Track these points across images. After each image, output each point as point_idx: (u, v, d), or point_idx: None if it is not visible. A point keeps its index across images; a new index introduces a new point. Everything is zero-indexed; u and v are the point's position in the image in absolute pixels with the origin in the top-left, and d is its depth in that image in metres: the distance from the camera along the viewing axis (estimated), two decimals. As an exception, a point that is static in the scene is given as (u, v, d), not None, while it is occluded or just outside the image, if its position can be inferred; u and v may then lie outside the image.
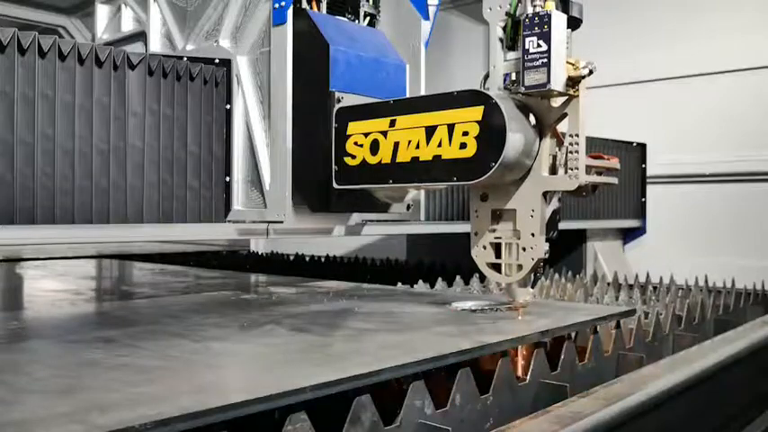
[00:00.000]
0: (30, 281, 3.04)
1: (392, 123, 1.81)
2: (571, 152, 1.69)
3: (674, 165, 4.14)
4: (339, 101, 2.07)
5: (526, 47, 1.65)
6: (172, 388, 1.12)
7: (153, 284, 2.81)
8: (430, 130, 1.73)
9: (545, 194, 1.76)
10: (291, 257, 4.63)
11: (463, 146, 1.67)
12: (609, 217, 4.03)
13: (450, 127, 1.69)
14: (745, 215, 3.87)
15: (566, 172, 1.71)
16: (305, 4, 2.22)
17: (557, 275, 3.31)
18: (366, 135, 1.87)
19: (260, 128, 2.27)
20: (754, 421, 2.16)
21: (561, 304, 2.24)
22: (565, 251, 4.13)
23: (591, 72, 1.67)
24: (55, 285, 2.81)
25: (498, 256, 1.82)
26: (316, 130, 2.09)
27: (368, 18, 2.47)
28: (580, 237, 4.07)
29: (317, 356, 1.37)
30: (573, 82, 1.68)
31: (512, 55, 1.78)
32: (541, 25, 1.63)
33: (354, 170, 1.91)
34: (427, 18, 2.48)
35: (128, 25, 2.94)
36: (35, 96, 1.83)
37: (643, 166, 4.25)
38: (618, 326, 1.92)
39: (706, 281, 3.29)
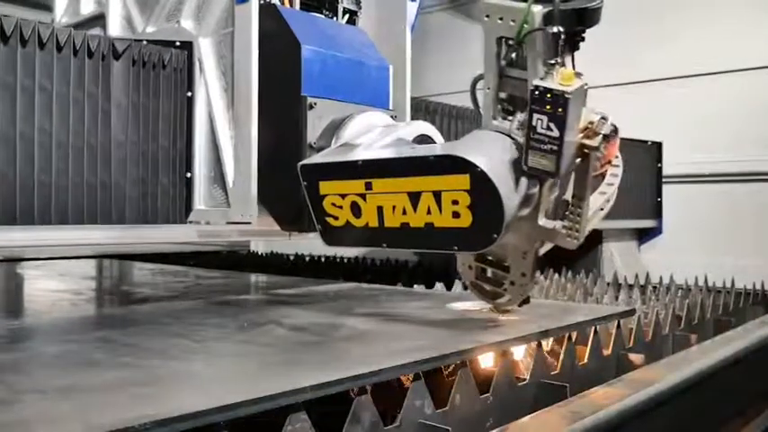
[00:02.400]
0: (30, 281, 3.04)
1: (368, 186, 1.56)
2: (572, 213, 1.48)
3: (691, 164, 4.11)
4: (312, 107, 1.92)
5: (533, 123, 1.35)
6: (171, 388, 1.12)
7: (153, 284, 2.81)
8: (414, 196, 1.48)
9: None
10: (291, 257, 4.63)
11: (456, 215, 1.44)
12: (624, 217, 3.98)
13: (437, 194, 1.45)
14: (764, 216, 3.85)
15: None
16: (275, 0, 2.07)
17: (556, 275, 3.31)
18: (343, 197, 1.61)
19: (224, 118, 2.10)
20: (754, 421, 2.16)
21: (561, 304, 2.24)
22: (580, 252, 4.09)
23: (606, 136, 1.40)
24: (55, 285, 2.80)
25: (481, 278, 1.72)
26: (286, 139, 1.95)
27: (347, 15, 2.33)
28: (596, 237, 4.04)
29: (316, 356, 1.37)
30: (587, 148, 1.40)
31: (513, 72, 1.46)
32: (555, 106, 1.32)
33: (341, 231, 1.65)
34: None
35: (87, 7, 2.75)
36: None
37: (659, 165, 4.20)
38: (618, 326, 1.92)
39: (706, 281, 3.28)
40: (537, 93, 1.34)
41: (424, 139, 1.81)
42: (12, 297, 2.63)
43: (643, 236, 4.31)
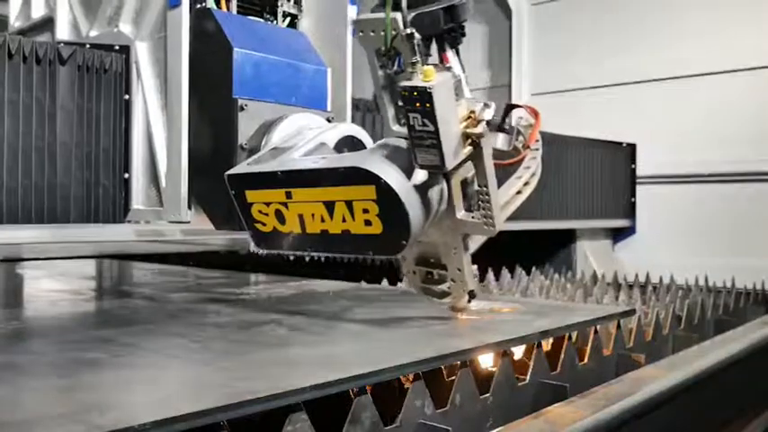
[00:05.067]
0: (29, 281, 3.04)
1: (288, 195, 1.60)
2: (483, 202, 1.50)
3: (664, 165, 4.15)
4: (243, 108, 1.93)
5: (410, 122, 1.38)
6: (171, 388, 1.12)
7: (152, 284, 2.81)
8: (329, 205, 1.53)
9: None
10: (292, 257, 4.63)
11: (368, 223, 1.48)
12: (598, 217, 4.03)
13: (349, 203, 1.49)
14: (733, 215, 3.88)
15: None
16: (211, 4, 2.08)
17: (557, 275, 3.31)
18: (267, 204, 1.65)
19: (158, 120, 2.15)
20: (754, 421, 2.16)
21: (561, 304, 2.24)
22: (554, 251, 4.12)
23: (490, 122, 1.41)
24: (55, 285, 2.80)
25: (428, 281, 1.71)
26: (219, 141, 1.97)
27: (288, 18, 2.32)
28: (569, 237, 4.07)
29: (316, 356, 1.37)
30: (473, 136, 1.43)
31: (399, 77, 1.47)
32: (422, 102, 1.35)
33: (270, 236, 1.69)
34: (354, 2, 2.29)
35: (38, 11, 2.81)
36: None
37: (632, 166, 4.26)
38: (618, 326, 1.92)
39: (706, 281, 3.29)
40: (405, 93, 1.37)
41: (348, 142, 1.80)
42: (12, 297, 2.62)
43: (617, 235, 4.34)
